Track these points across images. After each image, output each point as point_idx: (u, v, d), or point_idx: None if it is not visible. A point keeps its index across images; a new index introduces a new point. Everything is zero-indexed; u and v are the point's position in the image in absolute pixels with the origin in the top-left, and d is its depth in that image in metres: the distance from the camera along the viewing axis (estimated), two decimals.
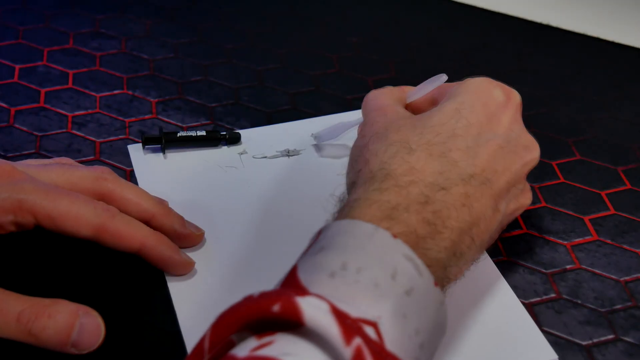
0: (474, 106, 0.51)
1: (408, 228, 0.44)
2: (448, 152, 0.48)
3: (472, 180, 0.47)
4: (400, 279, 0.41)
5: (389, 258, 0.41)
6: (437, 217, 0.45)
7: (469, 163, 0.48)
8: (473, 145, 0.49)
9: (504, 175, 0.49)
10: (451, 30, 0.80)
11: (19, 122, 0.66)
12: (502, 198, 0.49)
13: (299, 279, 0.41)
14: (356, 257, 0.41)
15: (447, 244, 0.45)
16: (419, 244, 0.43)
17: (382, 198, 0.45)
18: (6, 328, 0.46)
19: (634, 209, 0.61)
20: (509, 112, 0.52)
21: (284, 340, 0.37)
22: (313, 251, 0.43)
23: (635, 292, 0.55)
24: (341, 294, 0.39)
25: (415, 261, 0.42)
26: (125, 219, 0.51)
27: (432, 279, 0.42)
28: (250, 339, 0.38)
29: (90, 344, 0.47)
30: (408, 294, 0.41)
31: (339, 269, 0.41)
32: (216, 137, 0.63)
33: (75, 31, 0.76)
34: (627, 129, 0.69)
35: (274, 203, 0.59)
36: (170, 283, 0.53)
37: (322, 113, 0.68)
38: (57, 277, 0.53)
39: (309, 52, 0.76)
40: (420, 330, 0.41)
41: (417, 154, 0.47)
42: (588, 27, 0.79)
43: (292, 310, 0.37)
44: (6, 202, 0.49)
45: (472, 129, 0.49)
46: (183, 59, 0.74)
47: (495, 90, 0.53)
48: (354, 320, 0.38)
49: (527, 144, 0.52)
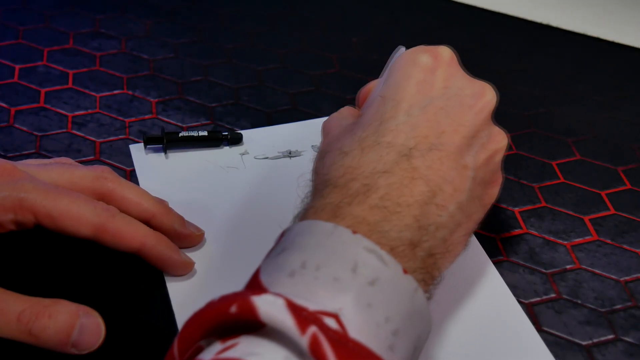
0: (398, 84, 0.50)
1: (355, 219, 0.43)
2: (380, 139, 0.47)
3: (414, 152, 0.46)
4: (361, 271, 0.41)
5: (348, 253, 0.41)
6: (387, 199, 0.44)
7: (405, 137, 0.47)
8: (406, 119, 0.48)
9: (456, 132, 0.48)
10: (451, 30, 0.80)
11: (19, 122, 0.66)
12: (464, 153, 0.48)
13: (260, 280, 0.42)
14: (315, 255, 0.41)
15: (408, 221, 0.44)
16: (374, 229, 0.43)
17: (324, 202, 0.45)
18: (6, 328, 0.46)
19: (634, 209, 0.61)
20: (439, 71, 0.51)
21: (247, 341, 0.37)
22: (275, 253, 0.43)
23: (635, 292, 0.55)
24: (300, 292, 0.40)
25: (377, 252, 0.41)
26: (126, 219, 0.51)
27: (399, 267, 0.42)
28: (215, 343, 0.38)
29: (90, 344, 0.47)
30: (371, 284, 0.40)
31: (298, 267, 0.41)
32: (218, 137, 0.63)
33: (75, 31, 0.76)
34: (627, 129, 0.69)
35: (274, 204, 0.59)
36: (169, 283, 0.53)
37: (322, 113, 0.68)
38: (56, 277, 0.53)
39: (309, 52, 0.76)
40: (391, 318, 0.40)
41: (351, 155, 0.47)
42: (588, 27, 0.79)
43: (248, 309, 0.37)
44: (6, 201, 0.49)
45: (401, 105, 0.49)
46: (183, 59, 0.74)
47: (419, 56, 0.52)
48: (311, 312, 0.38)
49: (475, 91, 0.51)
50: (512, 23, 0.81)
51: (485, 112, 0.50)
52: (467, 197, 0.47)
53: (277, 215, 0.58)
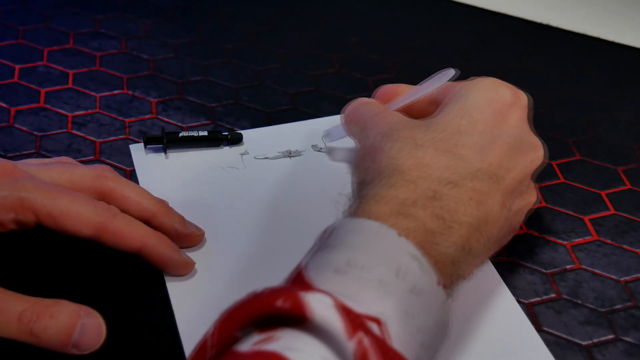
0: (479, 103, 0.51)
1: (417, 223, 0.44)
2: (454, 148, 0.48)
3: (479, 175, 0.47)
4: (404, 277, 0.41)
5: (393, 256, 0.41)
6: (446, 211, 0.45)
7: (476, 158, 0.48)
8: (480, 141, 0.49)
9: (511, 172, 0.49)
10: (451, 30, 0.80)
11: (19, 122, 0.66)
12: (510, 195, 0.49)
13: (304, 275, 0.41)
14: (361, 254, 0.41)
15: (456, 239, 0.45)
16: (428, 238, 0.43)
17: (390, 193, 0.45)
18: (7, 328, 0.46)
19: (634, 209, 0.61)
20: (516, 111, 0.52)
21: (287, 335, 0.37)
22: (320, 249, 0.43)
23: (635, 292, 0.55)
24: (346, 290, 0.40)
25: (419, 260, 0.42)
26: (126, 219, 0.51)
27: (435, 277, 0.42)
28: (253, 334, 0.38)
29: (91, 345, 0.47)
30: (412, 292, 0.41)
31: (344, 265, 0.41)
32: (218, 137, 0.63)
33: (75, 31, 0.76)
34: (627, 129, 0.69)
35: (275, 204, 0.59)
36: (169, 283, 0.53)
37: (322, 113, 0.68)
38: (57, 276, 0.53)
39: (309, 52, 0.76)
40: (422, 329, 0.41)
41: (424, 149, 0.48)
42: (588, 27, 0.79)
43: (296, 305, 0.37)
44: (7, 200, 0.49)
45: (477, 125, 0.49)
46: (183, 59, 0.74)
47: (502, 89, 0.52)
48: (357, 315, 0.38)
49: (533, 144, 0.52)
50: (512, 23, 0.81)
51: (534, 165, 0.51)
52: (497, 235, 0.49)
53: (277, 215, 0.58)
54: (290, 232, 0.57)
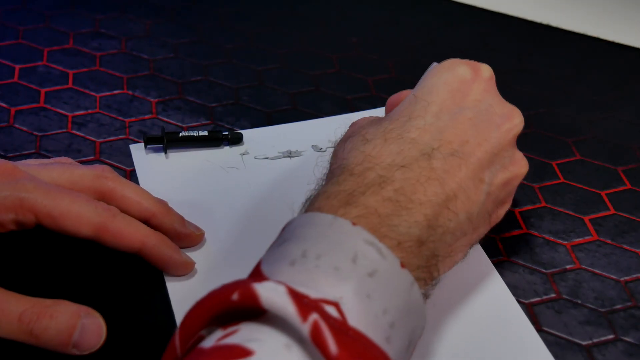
0: (433, 86, 0.51)
1: (367, 209, 0.44)
2: (405, 134, 0.48)
3: (435, 154, 0.47)
4: (361, 262, 0.41)
5: (349, 244, 0.41)
6: (400, 194, 0.45)
7: (430, 138, 0.48)
8: (434, 121, 0.49)
9: (482, 145, 0.49)
10: (451, 30, 0.80)
11: (19, 122, 0.66)
12: (485, 168, 0.49)
13: (261, 270, 0.42)
14: (316, 245, 0.42)
15: (418, 218, 0.44)
16: (384, 221, 0.43)
17: (337, 189, 0.46)
18: (7, 328, 0.46)
19: (634, 209, 0.61)
20: (477, 84, 0.52)
21: (248, 328, 0.38)
22: (276, 244, 0.44)
23: (635, 292, 0.55)
24: (301, 280, 0.40)
25: (376, 245, 0.42)
26: (126, 219, 0.51)
27: (397, 261, 0.42)
28: (216, 330, 0.38)
29: (91, 345, 0.47)
30: (371, 275, 0.41)
31: (299, 257, 0.41)
32: (218, 137, 0.63)
33: (75, 31, 0.76)
34: (627, 129, 0.69)
35: (275, 204, 0.59)
36: (168, 283, 0.53)
37: (322, 113, 0.68)
38: (57, 277, 0.53)
39: (309, 52, 0.76)
40: (389, 310, 0.41)
41: (373, 142, 0.48)
42: (588, 27, 0.79)
43: (249, 296, 0.37)
44: (7, 200, 0.49)
45: (431, 107, 0.50)
46: (183, 59, 0.74)
47: (459, 67, 0.52)
48: (312, 300, 0.38)
49: (504, 112, 0.51)
50: (512, 23, 0.81)
51: (511, 134, 0.51)
52: (478, 210, 0.48)
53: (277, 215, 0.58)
54: None
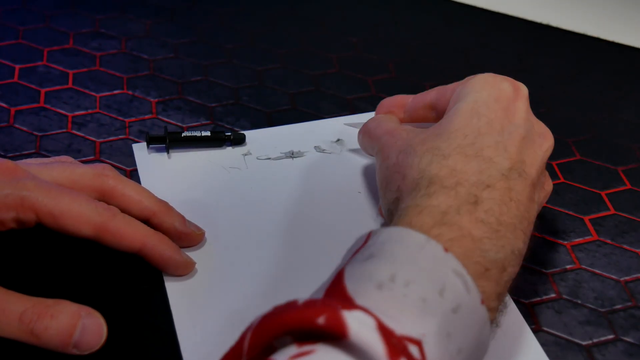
0: (488, 102, 0.50)
1: (461, 232, 0.43)
2: (480, 151, 0.47)
3: (511, 174, 0.47)
4: (447, 296, 0.40)
5: (438, 272, 0.40)
6: (490, 215, 0.44)
7: (503, 157, 0.47)
8: (500, 139, 0.48)
9: (533, 164, 0.49)
10: (451, 30, 0.80)
11: (19, 122, 0.66)
12: (536, 188, 0.49)
13: (345, 287, 0.40)
14: (405, 269, 0.40)
15: (504, 243, 0.44)
16: (476, 246, 0.43)
17: (431, 203, 0.44)
18: (8, 328, 0.46)
19: (634, 209, 0.61)
20: (520, 103, 0.52)
21: (325, 352, 0.36)
22: (361, 257, 0.42)
23: (635, 292, 0.55)
24: (388, 308, 0.39)
25: (464, 277, 0.41)
26: (127, 219, 0.51)
27: (479, 296, 0.41)
28: (291, 346, 0.37)
29: (92, 345, 0.47)
30: (454, 311, 0.40)
31: (387, 280, 0.40)
32: (221, 137, 0.63)
33: (75, 31, 0.76)
34: (627, 129, 0.69)
35: (276, 205, 0.59)
36: (167, 283, 0.53)
37: (322, 113, 0.68)
38: (57, 276, 0.53)
39: (309, 52, 0.76)
40: (463, 349, 0.40)
41: (453, 157, 0.47)
42: (588, 27, 0.79)
43: (337, 324, 0.36)
44: (8, 199, 0.49)
45: (494, 124, 0.49)
46: (183, 59, 0.74)
47: (503, 83, 0.52)
48: (399, 338, 0.37)
49: (542, 132, 0.52)
50: (512, 23, 0.81)
51: (548, 154, 0.51)
52: (530, 231, 0.48)
53: (279, 215, 0.58)
54: (291, 232, 0.57)
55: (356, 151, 0.63)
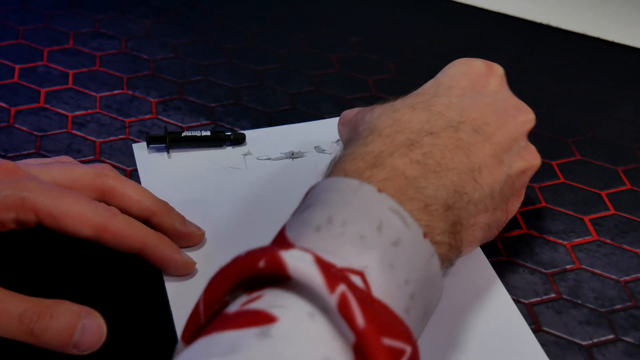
0: (454, 76, 0.53)
1: (394, 171, 0.44)
2: (432, 107, 0.49)
3: (462, 126, 0.48)
4: (386, 231, 0.41)
5: (374, 211, 0.41)
6: (428, 157, 0.45)
7: (456, 113, 0.49)
8: (457, 101, 0.50)
9: (499, 129, 0.50)
10: (451, 30, 0.80)
11: (19, 122, 0.66)
12: (504, 151, 0.50)
13: (286, 236, 0.42)
14: (342, 211, 0.42)
15: (445, 182, 0.45)
16: (411, 183, 0.44)
17: (365, 150, 0.46)
18: (8, 328, 0.46)
19: (634, 209, 0.61)
20: (492, 78, 0.53)
21: (272, 294, 0.38)
22: (301, 209, 0.44)
23: (635, 292, 0.55)
24: (327, 247, 0.40)
25: (401, 214, 0.42)
26: (127, 219, 0.51)
27: (420, 230, 0.42)
28: (241, 296, 0.39)
29: (91, 345, 0.47)
30: (395, 244, 0.41)
31: (324, 223, 0.41)
32: (221, 137, 0.63)
33: (75, 31, 0.76)
34: (627, 129, 0.69)
35: (276, 205, 0.59)
36: (167, 283, 0.53)
37: (322, 113, 0.68)
38: (57, 276, 0.53)
39: (309, 52, 0.76)
40: (410, 280, 0.41)
41: (401, 111, 0.49)
42: (588, 27, 0.79)
43: (276, 264, 0.37)
44: (8, 199, 0.49)
45: (454, 90, 0.51)
46: (183, 59, 0.74)
47: (475, 62, 0.54)
48: (339, 269, 0.38)
49: (517, 105, 0.53)
50: (512, 23, 0.81)
51: (525, 126, 0.52)
52: (499, 189, 0.49)
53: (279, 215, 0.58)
54: None
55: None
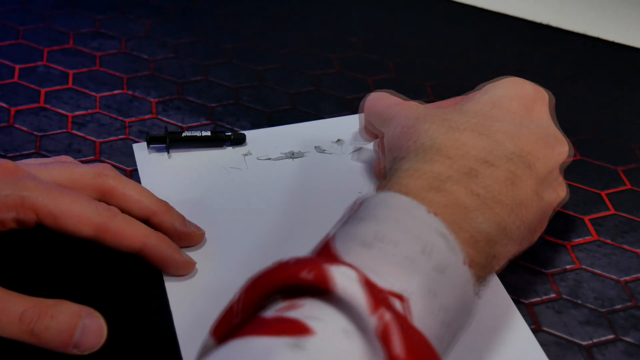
0: (506, 96, 0.52)
1: (449, 197, 0.44)
2: (489, 132, 0.49)
3: (516, 159, 0.48)
4: (432, 255, 0.41)
5: (421, 233, 0.42)
6: (482, 188, 0.45)
7: (512, 144, 0.49)
8: (511, 128, 0.50)
9: (541, 160, 0.50)
10: (451, 30, 0.80)
11: (19, 122, 0.66)
12: (542, 183, 0.50)
13: (332, 247, 0.42)
14: (389, 228, 0.41)
15: (492, 216, 0.45)
16: (462, 213, 0.44)
17: (425, 167, 0.46)
18: (8, 328, 0.46)
19: (634, 209, 0.61)
20: (539, 105, 0.53)
21: (311, 305, 0.37)
22: (351, 221, 0.43)
23: (635, 292, 0.55)
24: (373, 265, 0.40)
25: (447, 238, 0.42)
26: (127, 219, 0.51)
27: (461, 256, 0.42)
28: (278, 301, 0.38)
29: (92, 345, 0.47)
30: (436, 269, 0.41)
31: (373, 239, 0.41)
32: (221, 137, 0.63)
33: (75, 31, 0.76)
34: (627, 129, 0.69)
35: (276, 205, 0.59)
36: (167, 283, 0.53)
37: (322, 113, 0.68)
38: (57, 276, 0.53)
39: (309, 52, 0.76)
40: (444, 307, 0.41)
41: (461, 131, 0.48)
42: (588, 27, 0.79)
43: (321, 277, 0.37)
44: (8, 199, 0.49)
45: (507, 114, 0.51)
46: (183, 59, 0.74)
47: (526, 85, 0.54)
48: (381, 290, 0.38)
49: (556, 135, 0.53)
50: (512, 23, 0.81)
51: (561, 157, 0.52)
52: (531, 222, 0.49)
53: (279, 216, 0.58)
54: (291, 232, 0.57)
55: (357, 152, 0.63)
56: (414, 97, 0.57)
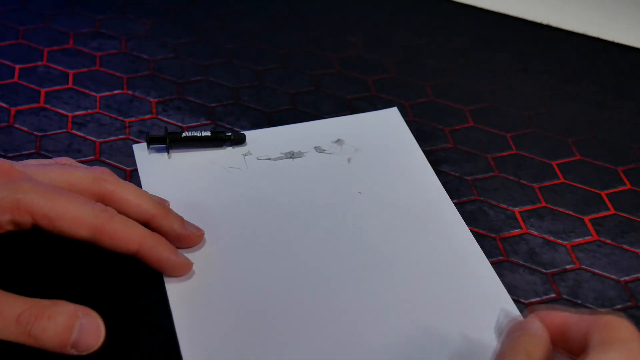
0: None
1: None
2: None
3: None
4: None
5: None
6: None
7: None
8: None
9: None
10: (451, 30, 0.80)
11: (19, 122, 0.66)
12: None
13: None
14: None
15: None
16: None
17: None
18: (5, 330, 0.46)
19: (634, 209, 0.61)
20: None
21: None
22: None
23: (635, 292, 0.55)
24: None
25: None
26: (124, 221, 0.51)
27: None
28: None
29: (90, 345, 0.47)
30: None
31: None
32: (221, 137, 0.63)
33: (75, 31, 0.76)
34: (627, 129, 0.69)
35: (276, 205, 0.59)
36: (167, 283, 0.53)
37: (322, 113, 0.68)
38: (55, 277, 0.53)
39: (309, 52, 0.76)
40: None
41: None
42: (588, 27, 0.79)
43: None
44: (4, 201, 0.49)
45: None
46: (183, 59, 0.74)
47: (635, 346, 0.44)
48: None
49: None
50: (512, 23, 0.81)
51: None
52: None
53: (279, 216, 0.58)
54: (291, 233, 0.57)
55: (357, 151, 0.63)
56: (414, 97, 0.57)
